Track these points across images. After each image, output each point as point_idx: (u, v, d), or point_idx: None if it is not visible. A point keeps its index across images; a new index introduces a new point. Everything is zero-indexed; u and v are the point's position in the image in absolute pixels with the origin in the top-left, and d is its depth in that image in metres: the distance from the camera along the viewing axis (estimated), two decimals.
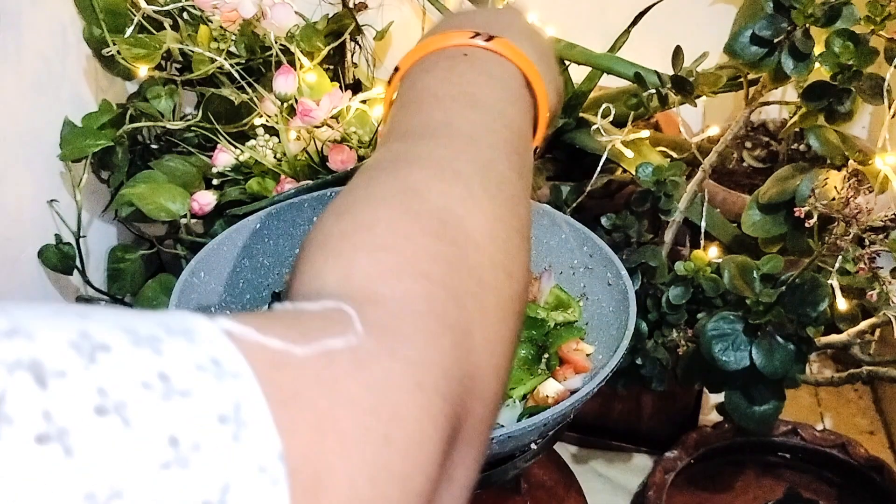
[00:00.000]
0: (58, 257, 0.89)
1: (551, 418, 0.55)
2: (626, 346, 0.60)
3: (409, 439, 0.26)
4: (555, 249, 0.74)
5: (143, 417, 0.20)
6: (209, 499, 0.21)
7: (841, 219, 0.69)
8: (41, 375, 0.20)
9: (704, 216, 0.86)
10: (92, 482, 0.19)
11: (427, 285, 0.31)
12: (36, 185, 0.90)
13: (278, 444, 0.22)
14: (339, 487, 0.23)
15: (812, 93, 0.76)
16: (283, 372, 0.24)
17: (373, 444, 0.25)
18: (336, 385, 0.25)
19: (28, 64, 0.88)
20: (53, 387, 0.20)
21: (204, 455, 0.21)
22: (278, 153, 0.87)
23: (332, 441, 0.24)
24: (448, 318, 0.30)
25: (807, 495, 0.85)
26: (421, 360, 0.28)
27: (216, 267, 0.68)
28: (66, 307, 0.23)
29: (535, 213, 0.75)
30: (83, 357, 0.21)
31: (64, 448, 0.19)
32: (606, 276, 0.69)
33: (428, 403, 0.27)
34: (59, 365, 0.20)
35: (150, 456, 0.20)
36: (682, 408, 0.92)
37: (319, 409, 0.24)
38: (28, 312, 0.22)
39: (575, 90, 0.99)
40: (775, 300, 0.71)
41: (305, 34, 0.92)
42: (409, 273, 0.31)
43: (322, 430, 0.24)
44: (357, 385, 0.25)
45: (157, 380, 0.21)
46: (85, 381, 0.20)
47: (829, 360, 1.03)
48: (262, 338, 0.24)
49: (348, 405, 0.25)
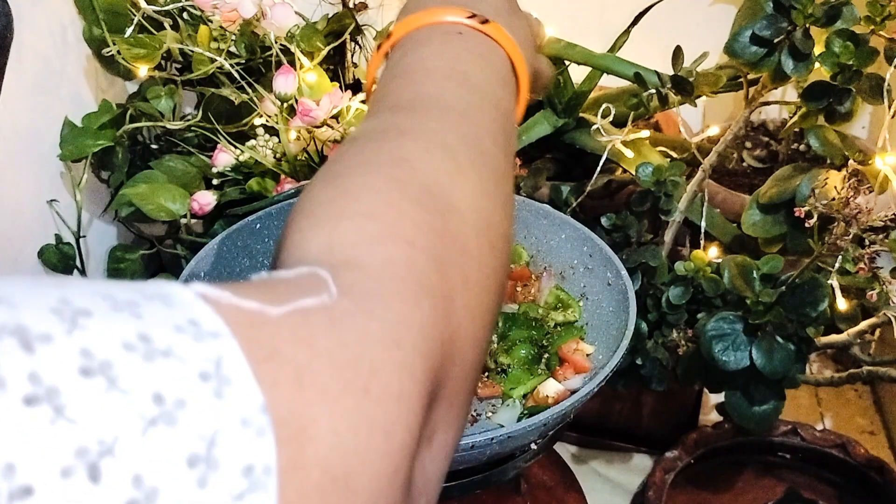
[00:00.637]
0: (58, 257, 0.90)
1: (551, 418, 0.55)
2: (626, 347, 0.60)
3: (388, 392, 0.26)
4: (555, 249, 0.74)
5: (128, 377, 0.21)
6: (197, 451, 0.21)
7: (841, 219, 0.69)
8: (27, 340, 0.20)
9: (704, 216, 0.86)
10: (82, 438, 0.20)
11: (408, 250, 0.31)
12: (36, 185, 0.90)
13: (260, 398, 0.23)
14: (324, 437, 0.24)
15: (812, 93, 0.76)
16: (261, 330, 0.25)
17: (353, 395, 0.25)
18: (313, 341, 0.25)
19: (28, 64, 0.88)
20: (39, 350, 0.20)
21: (189, 411, 0.21)
22: (278, 153, 0.87)
23: (313, 393, 0.24)
24: (428, 282, 0.31)
25: (807, 495, 0.85)
26: (398, 320, 0.28)
27: (216, 267, 0.68)
28: (44, 278, 0.24)
29: (535, 213, 0.75)
30: (65, 322, 0.21)
31: (53, 408, 0.20)
32: (606, 276, 0.69)
33: (406, 360, 0.28)
34: (43, 329, 0.21)
35: (137, 413, 0.21)
36: (682, 408, 0.92)
37: (298, 364, 0.24)
38: (6, 282, 0.22)
39: (575, 90, 0.99)
40: (775, 300, 0.71)
41: (305, 34, 0.92)
42: (390, 238, 0.31)
43: (302, 383, 0.24)
44: (333, 341, 0.26)
45: (139, 341, 0.22)
46: (69, 343, 0.21)
47: (829, 360, 1.03)
48: (237, 300, 0.25)
49: (326, 359, 0.25)
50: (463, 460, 0.57)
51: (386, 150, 0.36)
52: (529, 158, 1.02)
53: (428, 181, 0.34)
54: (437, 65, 0.42)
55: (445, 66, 0.42)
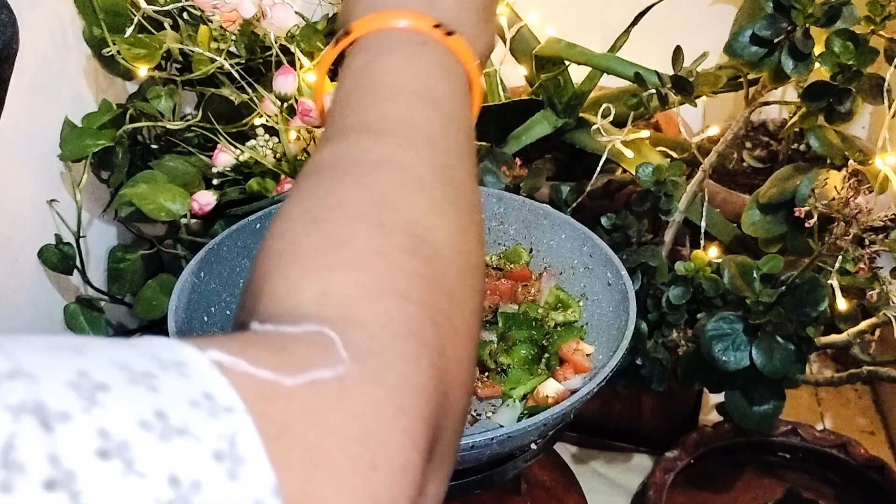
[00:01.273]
0: (58, 257, 0.89)
1: (551, 418, 0.55)
2: (626, 347, 0.60)
3: (394, 465, 0.26)
4: (555, 249, 0.74)
5: (144, 458, 0.21)
6: None
7: (841, 219, 0.69)
8: (46, 419, 0.20)
9: (704, 216, 0.86)
10: None
11: (406, 306, 0.31)
12: (36, 185, 0.90)
13: (273, 479, 0.23)
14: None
15: (812, 93, 0.76)
16: (274, 404, 0.25)
17: (361, 473, 0.25)
18: (325, 416, 0.26)
19: (28, 64, 0.88)
20: (59, 430, 0.20)
21: (203, 493, 0.21)
22: (278, 153, 0.87)
23: (324, 473, 0.24)
24: (426, 338, 0.31)
25: (807, 495, 0.85)
26: (404, 384, 0.28)
27: (216, 267, 0.68)
28: (61, 341, 0.23)
29: (535, 213, 0.75)
30: (83, 398, 0.21)
31: (70, 494, 0.20)
32: (606, 276, 0.69)
33: (411, 427, 0.28)
34: (62, 406, 0.21)
35: (154, 497, 0.21)
36: (682, 408, 0.92)
37: (310, 442, 0.25)
38: (25, 350, 0.22)
39: (575, 90, 0.99)
40: (775, 300, 0.71)
41: (305, 34, 0.92)
42: (388, 293, 0.31)
43: (313, 462, 0.24)
44: (344, 415, 0.26)
45: (155, 418, 0.22)
46: (87, 423, 0.21)
47: (829, 360, 1.03)
48: (252, 369, 0.25)
49: (337, 436, 0.25)
50: (463, 460, 0.57)
51: (363, 186, 0.35)
52: (529, 158, 1.02)
53: (411, 224, 0.34)
54: (404, 80, 0.41)
55: (413, 83, 0.40)
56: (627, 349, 0.61)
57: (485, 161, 0.88)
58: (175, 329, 0.60)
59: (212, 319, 0.66)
